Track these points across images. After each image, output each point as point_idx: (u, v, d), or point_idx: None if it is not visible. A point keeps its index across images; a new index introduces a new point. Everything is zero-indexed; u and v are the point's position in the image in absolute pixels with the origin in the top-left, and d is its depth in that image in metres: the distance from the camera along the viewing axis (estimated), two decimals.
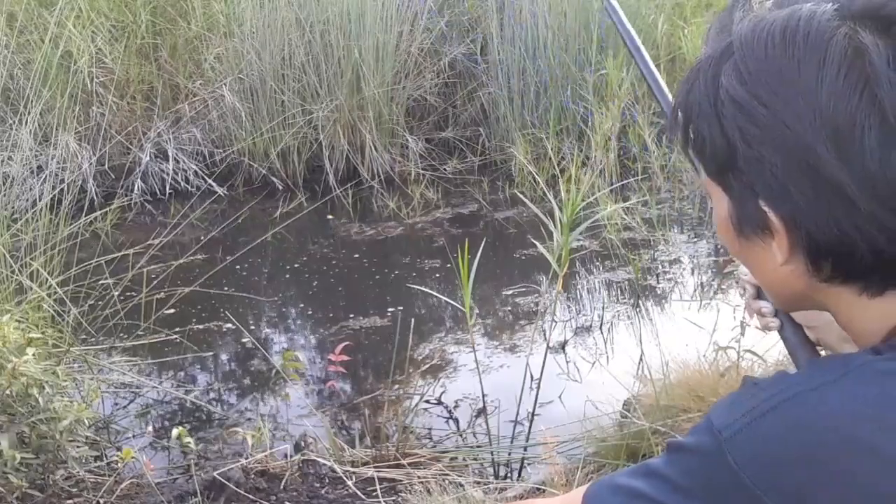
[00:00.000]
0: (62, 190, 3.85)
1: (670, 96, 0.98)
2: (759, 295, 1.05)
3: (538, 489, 2.70)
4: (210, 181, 5.67)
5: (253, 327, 4.07)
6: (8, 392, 2.44)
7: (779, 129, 0.71)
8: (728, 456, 0.71)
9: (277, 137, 5.73)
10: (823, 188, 0.71)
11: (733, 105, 0.73)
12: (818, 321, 1.01)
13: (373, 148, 5.81)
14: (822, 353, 1.02)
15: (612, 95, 5.45)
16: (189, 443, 2.86)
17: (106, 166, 5.48)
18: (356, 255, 4.92)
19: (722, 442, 0.72)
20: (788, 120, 0.71)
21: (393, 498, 2.73)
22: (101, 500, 2.70)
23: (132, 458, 2.80)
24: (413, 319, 3.85)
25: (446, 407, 3.38)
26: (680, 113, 0.80)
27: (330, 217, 5.41)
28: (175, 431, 2.86)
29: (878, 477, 0.68)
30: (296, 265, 4.84)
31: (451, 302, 3.37)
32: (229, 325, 3.99)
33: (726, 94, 0.74)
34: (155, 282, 3.75)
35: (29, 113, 4.05)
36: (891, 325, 0.76)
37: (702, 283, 4.44)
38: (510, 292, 4.33)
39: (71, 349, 3.14)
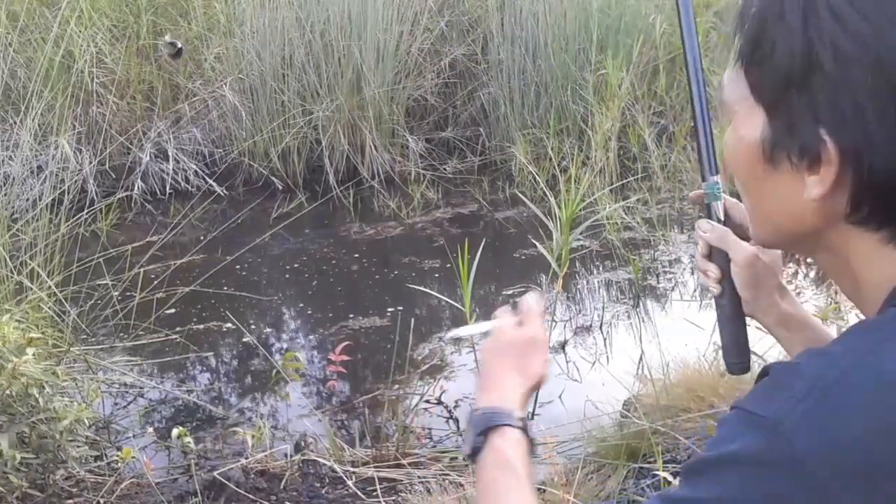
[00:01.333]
0: (62, 190, 3.85)
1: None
2: (710, 255, 1.04)
3: (538, 489, 2.70)
4: (210, 181, 5.67)
5: (253, 327, 4.07)
6: (8, 392, 2.44)
7: (877, 50, 0.64)
8: (793, 446, 0.63)
9: (278, 137, 5.73)
10: None
11: (831, 16, 0.66)
12: (760, 303, 1.01)
13: (373, 148, 5.81)
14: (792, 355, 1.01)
15: (612, 95, 5.45)
16: (189, 443, 2.86)
17: (106, 166, 5.48)
18: (356, 255, 4.92)
19: (783, 433, 0.63)
20: (892, 40, 0.64)
21: (393, 498, 2.72)
22: (101, 500, 2.70)
23: (132, 458, 2.80)
24: (413, 319, 3.85)
25: (446, 407, 3.38)
26: (752, 12, 0.71)
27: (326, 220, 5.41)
28: (175, 431, 2.86)
29: None
30: (296, 265, 4.84)
31: (451, 302, 3.37)
32: (229, 325, 3.99)
33: (824, 1, 0.66)
34: (155, 282, 3.76)
35: (29, 112, 4.05)
36: None
37: (702, 283, 4.44)
38: (510, 292, 4.33)
39: (71, 349, 3.14)
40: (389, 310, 4.16)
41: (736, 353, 1.01)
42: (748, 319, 1.04)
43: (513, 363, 1.05)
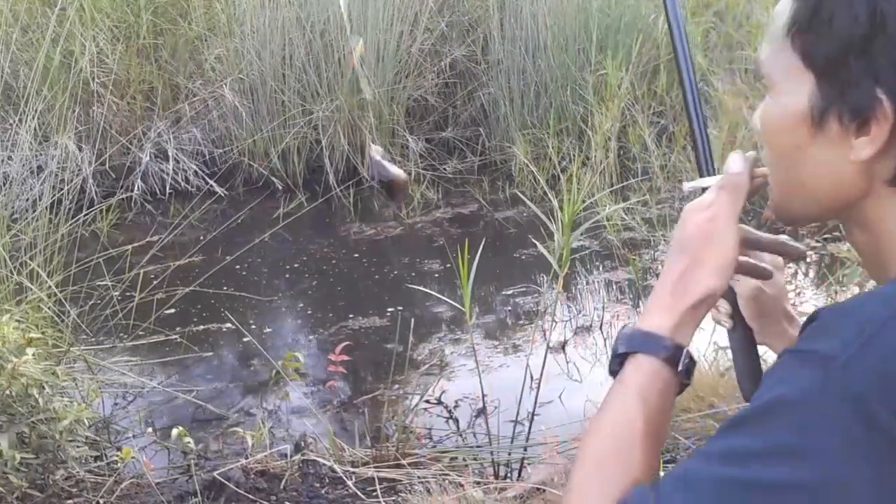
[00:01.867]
0: (62, 190, 3.85)
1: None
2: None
3: (538, 489, 2.70)
4: (210, 181, 5.67)
5: (253, 327, 4.06)
6: (8, 392, 2.44)
7: None
8: (849, 379, 0.63)
9: (278, 137, 5.73)
10: None
11: None
12: (768, 331, 1.02)
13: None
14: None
15: (612, 95, 5.45)
16: (189, 443, 2.86)
17: (106, 166, 5.47)
18: (356, 255, 4.92)
19: (839, 368, 0.64)
20: None
21: (393, 498, 2.72)
22: (101, 500, 2.70)
23: (132, 458, 2.80)
24: (413, 319, 3.85)
25: (446, 407, 3.38)
26: None
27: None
28: (175, 431, 2.86)
29: None
30: (296, 265, 4.84)
31: (451, 302, 3.37)
32: (229, 325, 3.99)
33: None
34: (155, 282, 3.76)
35: (29, 112, 4.05)
36: None
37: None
38: (510, 292, 4.33)
39: (71, 349, 3.14)
40: (389, 310, 4.16)
41: (751, 380, 1.04)
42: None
43: (681, 269, 0.86)
